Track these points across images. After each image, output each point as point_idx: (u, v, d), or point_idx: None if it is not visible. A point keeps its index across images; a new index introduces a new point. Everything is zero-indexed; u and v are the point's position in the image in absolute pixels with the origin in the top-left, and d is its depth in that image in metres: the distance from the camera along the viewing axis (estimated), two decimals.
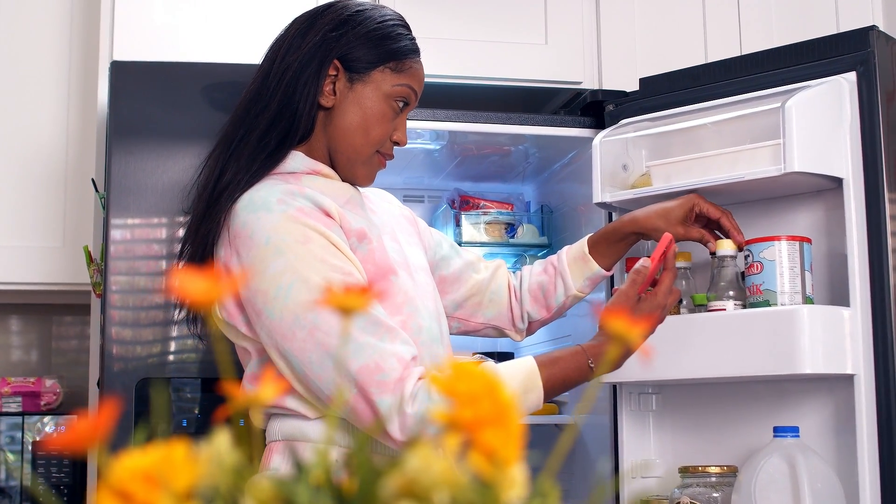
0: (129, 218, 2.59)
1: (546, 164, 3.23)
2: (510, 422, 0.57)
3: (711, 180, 2.39)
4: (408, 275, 1.90)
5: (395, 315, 1.82)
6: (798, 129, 2.27)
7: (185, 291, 0.57)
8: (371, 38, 1.89)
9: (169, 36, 2.96)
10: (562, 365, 1.82)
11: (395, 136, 1.93)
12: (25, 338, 3.65)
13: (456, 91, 3.27)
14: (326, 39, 1.87)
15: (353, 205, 1.91)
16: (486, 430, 0.57)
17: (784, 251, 2.32)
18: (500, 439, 0.57)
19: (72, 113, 3.28)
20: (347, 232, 1.82)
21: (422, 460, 0.55)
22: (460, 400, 0.56)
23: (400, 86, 1.90)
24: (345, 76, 1.88)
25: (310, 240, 1.74)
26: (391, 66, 1.90)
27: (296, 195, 1.79)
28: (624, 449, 2.65)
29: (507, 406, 0.58)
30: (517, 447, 0.58)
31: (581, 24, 3.23)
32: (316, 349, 1.70)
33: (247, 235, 1.76)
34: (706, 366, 2.39)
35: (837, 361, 2.27)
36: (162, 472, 0.54)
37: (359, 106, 1.88)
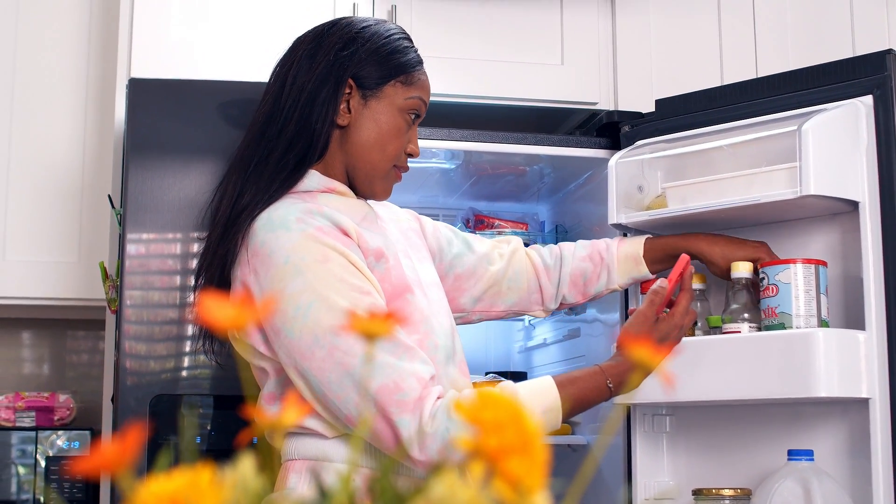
0: (144, 234, 2.60)
1: (561, 184, 3.24)
2: (535, 450, 0.58)
3: (727, 202, 2.39)
4: (422, 292, 1.91)
5: (413, 334, 1.82)
6: (814, 152, 2.27)
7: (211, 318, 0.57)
8: (381, 54, 1.91)
9: (186, 53, 2.98)
10: (580, 385, 1.83)
11: (410, 149, 1.95)
12: (39, 352, 3.66)
13: (472, 110, 3.28)
14: (339, 58, 1.89)
15: (368, 222, 1.92)
16: (511, 459, 0.57)
17: (800, 274, 2.32)
18: (524, 467, 0.57)
19: (89, 129, 3.30)
20: (365, 251, 1.82)
21: (447, 488, 0.55)
22: (485, 428, 0.56)
23: (412, 98, 1.92)
24: (358, 93, 1.89)
25: (329, 259, 1.74)
26: (402, 79, 1.92)
27: (314, 214, 1.79)
28: (637, 470, 2.64)
29: (532, 434, 0.58)
30: (541, 475, 0.58)
31: (597, 44, 3.23)
32: (335, 369, 1.70)
33: (266, 254, 1.76)
34: (720, 388, 2.38)
35: (852, 385, 2.27)
36: (187, 498, 0.55)
37: (374, 122, 1.89)
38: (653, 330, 1.93)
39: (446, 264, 2.19)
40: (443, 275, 2.17)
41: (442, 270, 2.18)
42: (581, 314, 3.15)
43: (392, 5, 3.13)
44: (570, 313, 3.20)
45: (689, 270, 2.05)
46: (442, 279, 2.14)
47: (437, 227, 2.23)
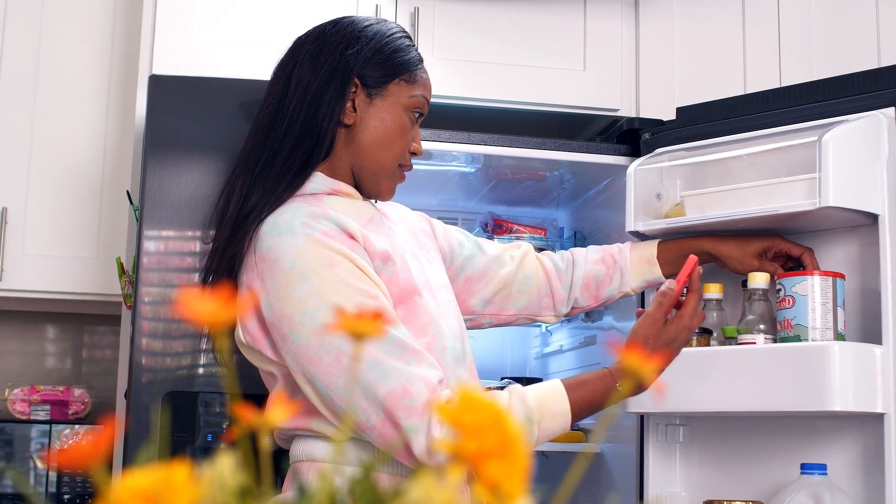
0: (161, 231, 2.61)
1: (581, 191, 3.23)
2: (515, 455, 0.57)
3: (745, 212, 2.38)
4: (431, 295, 1.89)
5: (421, 337, 1.81)
6: (834, 163, 2.25)
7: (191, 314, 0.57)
8: (384, 53, 1.91)
9: (207, 52, 2.98)
10: (589, 387, 1.81)
11: (413, 147, 1.95)
12: (57, 346, 3.68)
13: (493, 114, 3.27)
14: (344, 58, 1.88)
15: (374, 224, 1.91)
16: (491, 463, 0.56)
17: (817, 286, 2.30)
18: (504, 472, 0.56)
19: (110, 126, 3.31)
20: (371, 254, 1.81)
21: (423, 490, 0.54)
22: (465, 431, 0.56)
23: (415, 96, 1.92)
24: (363, 92, 1.89)
25: (335, 263, 1.73)
26: (405, 77, 1.92)
27: (320, 218, 1.78)
28: (649, 480, 2.62)
29: (513, 439, 0.57)
30: (522, 480, 0.57)
31: (620, 51, 3.22)
32: (342, 374, 1.69)
33: (272, 260, 1.75)
34: (734, 399, 2.36)
35: (868, 399, 2.25)
36: (161, 494, 0.54)
37: (379, 121, 1.89)
38: (661, 332, 1.91)
39: (457, 266, 2.18)
40: (453, 277, 2.16)
41: (452, 272, 2.17)
42: (598, 321, 3.13)
43: (415, 7, 3.13)
44: (586, 320, 3.19)
45: (698, 272, 2.02)
46: (452, 281, 2.13)
47: (447, 229, 2.23)
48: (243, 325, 1.80)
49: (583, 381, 1.82)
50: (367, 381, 1.68)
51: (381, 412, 1.67)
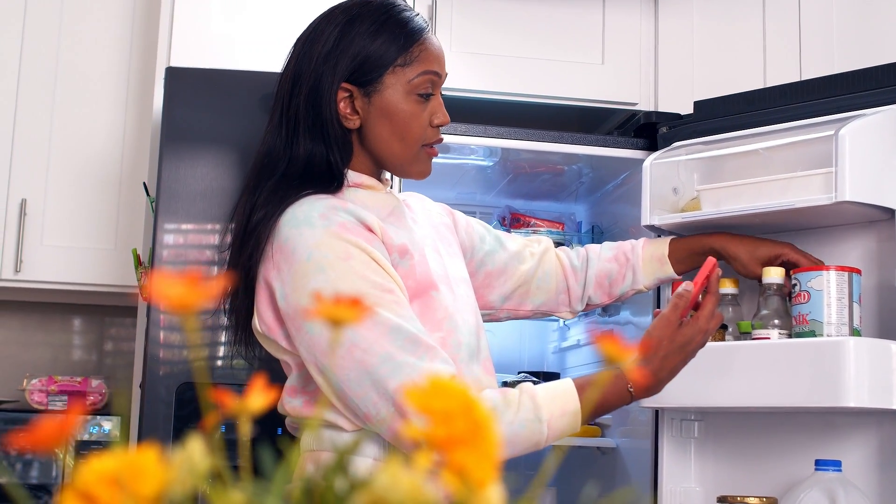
0: (177, 223, 2.61)
1: (599, 185, 3.21)
2: (485, 442, 0.56)
3: (761, 206, 2.36)
4: (448, 289, 1.88)
5: (435, 331, 1.80)
6: (851, 157, 2.23)
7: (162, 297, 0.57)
8: (367, 46, 1.83)
9: (225, 44, 2.99)
10: (600, 388, 1.80)
11: (436, 121, 1.87)
12: (76, 338, 3.70)
13: (511, 108, 3.26)
14: (327, 69, 1.82)
15: (395, 217, 1.89)
16: (460, 450, 0.55)
17: (832, 281, 2.28)
18: (473, 459, 0.55)
19: (129, 118, 3.32)
20: (389, 247, 1.80)
21: (390, 477, 0.54)
22: (434, 417, 0.55)
23: (417, 77, 1.84)
24: (360, 92, 1.83)
25: (351, 256, 1.73)
26: (399, 62, 1.83)
27: (338, 210, 1.77)
28: (664, 475, 2.61)
29: (483, 426, 0.56)
30: (492, 468, 0.56)
31: (639, 45, 3.21)
32: (355, 367, 1.68)
33: (289, 251, 1.74)
34: (749, 394, 2.35)
35: (883, 396, 2.23)
36: (129, 477, 0.54)
37: (384, 116, 1.84)
38: (675, 334, 1.86)
39: (477, 261, 2.17)
40: (473, 271, 2.15)
41: (473, 267, 2.16)
42: (614, 316, 3.13)
43: (433, 0, 3.12)
44: (603, 314, 3.18)
45: (717, 273, 1.98)
46: (472, 275, 2.11)
47: (469, 222, 2.20)
48: (259, 314, 1.80)
49: (594, 382, 1.80)
50: (378, 374, 1.67)
51: (391, 406, 1.67)
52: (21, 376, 3.39)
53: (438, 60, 1.89)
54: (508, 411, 1.69)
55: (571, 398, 1.74)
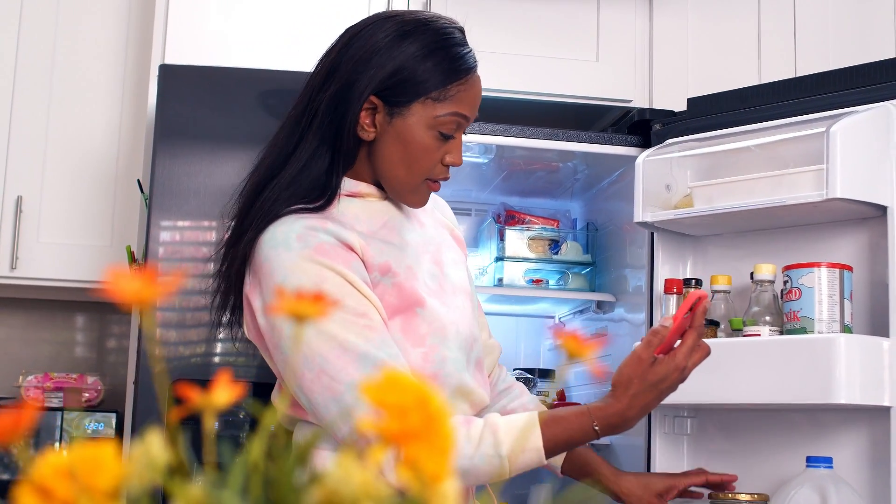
0: (170, 220, 2.62)
1: (594, 182, 3.22)
2: (439, 437, 0.57)
3: (753, 203, 2.36)
4: (440, 302, 1.84)
5: (417, 347, 1.79)
6: (842, 154, 2.23)
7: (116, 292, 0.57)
8: (408, 70, 1.77)
9: (220, 41, 2.99)
10: (564, 425, 1.75)
11: (448, 160, 1.82)
12: (73, 334, 3.70)
13: (507, 105, 3.26)
14: (362, 77, 1.78)
15: (388, 229, 1.85)
16: (414, 444, 0.56)
17: (824, 278, 2.28)
18: (427, 454, 0.56)
19: (125, 115, 3.33)
20: (370, 266, 1.77)
21: (342, 471, 0.54)
22: (389, 411, 0.56)
23: (444, 116, 1.78)
24: (384, 109, 1.77)
25: (325, 280, 1.71)
26: (433, 95, 1.77)
27: (317, 231, 1.74)
28: (656, 471, 2.61)
29: (438, 421, 0.57)
30: (446, 463, 0.57)
31: (633, 42, 3.21)
32: (322, 392, 1.68)
33: (267, 272, 1.74)
34: (740, 391, 2.35)
35: (874, 393, 2.23)
36: (85, 471, 0.54)
37: (399, 141, 1.78)
38: (647, 372, 1.76)
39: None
40: None
41: None
42: (609, 313, 3.13)
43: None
44: (598, 311, 3.18)
45: (703, 306, 1.80)
46: None
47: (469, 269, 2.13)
48: (246, 324, 1.81)
49: (559, 418, 1.77)
50: (344, 402, 1.67)
51: (354, 434, 1.67)
52: (17, 373, 3.40)
53: (472, 104, 1.84)
54: (469, 445, 1.68)
55: (534, 435, 1.72)
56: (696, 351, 1.80)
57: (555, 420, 1.74)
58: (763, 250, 2.53)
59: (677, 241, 2.66)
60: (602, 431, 1.75)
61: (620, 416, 1.75)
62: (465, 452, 1.67)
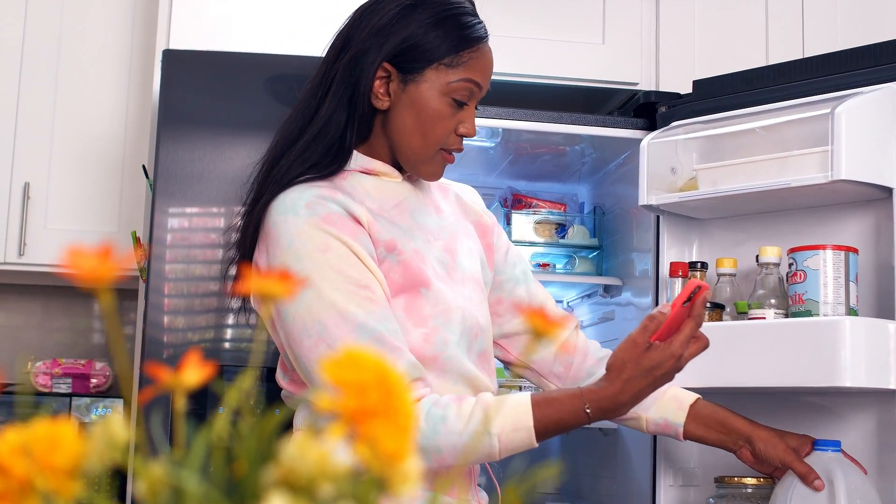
0: (174, 205, 2.62)
1: (601, 165, 3.20)
2: (400, 415, 0.56)
3: (758, 186, 2.35)
4: (446, 286, 1.84)
5: (419, 327, 1.79)
6: (847, 136, 2.21)
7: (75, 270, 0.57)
8: (422, 35, 1.80)
9: (223, 26, 2.99)
10: (556, 407, 1.74)
11: (462, 130, 1.83)
12: (81, 321, 3.71)
13: (514, 89, 3.25)
14: (375, 42, 1.80)
15: (400, 210, 1.85)
16: (373, 422, 0.55)
17: (829, 261, 2.27)
18: (386, 431, 0.55)
19: (131, 101, 3.33)
20: (376, 241, 1.77)
21: (297, 448, 0.54)
22: (347, 389, 0.55)
23: (458, 81, 1.80)
24: (398, 77, 1.80)
25: (329, 248, 1.72)
26: (446, 61, 1.79)
27: (326, 200, 1.75)
28: (663, 456, 2.60)
29: (397, 399, 0.56)
30: (406, 440, 0.56)
31: (640, 24, 3.19)
32: (319, 360, 1.69)
33: (274, 237, 1.75)
34: (746, 375, 2.34)
35: (880, 376, 2.21)
36: (42, 449, 0.54)
37: (413, 108, 1.80)
38: (642, 357, 1.74)
39: (498, 282, 2.06)
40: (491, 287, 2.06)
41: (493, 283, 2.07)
42: (616, 297, 3.12)
43: None
44: (605, 295, 3.17)
45: (703, 296, 1.77)
46: None
47: (511, 246, 2.10)
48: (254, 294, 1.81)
49: (551, 400, 1.75)
50: None
51: None
52: (26, 359, 3.41)
53: (484, 73, 1.86)
54: (459, 421, 1.67)
55: (525, 414, 1.71)
56: (694, 341, 1.79)
57: (546, 401, 1.73)
58: (769, 233, 2.51)
59: (683, 224, 2.65)
60: (594, 415, 1.74)
61: (612, 400, 1.74)
62: (454, 429, 1.67)
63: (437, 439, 1.67)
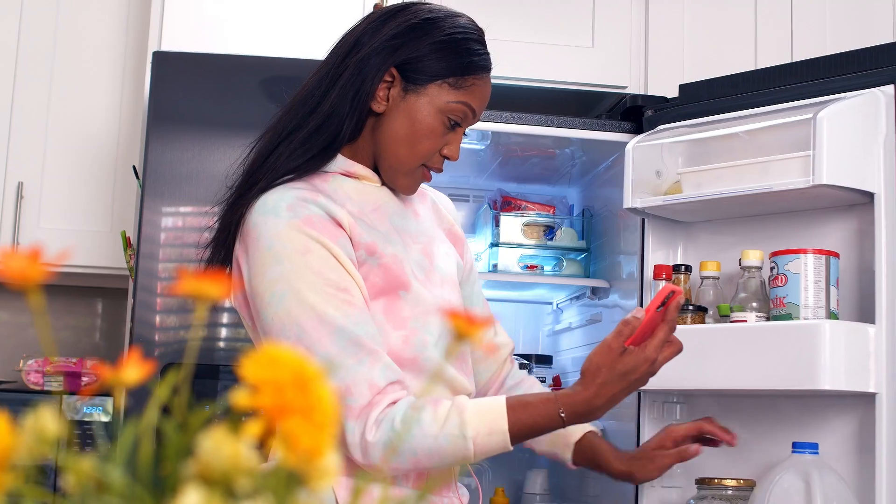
0: (163, 206, 2.64)
1: (590, 168, 3.22)
2: (319, 412, 0.58)
3: (740, 190, 2.37)
4: (426, 288, 1.86)
5: (399, 330, 1.80)
6: (829, 140, 2.23)
7: (5, 268, 0.58)
8: (434, 50, 1.82)
9: (216, 28, 3.01)
10: (531, 410, 1.74)
11: (446, 151, 1.86)
12: (74, 319, 3.73)
13: (504, 92, 3.26)
14: (388, 46, 1.83)
15: (379, 214, 1.87)
16: (290, 419, 0.57)
17: (810, 265, 2.29)
18: (304, 429, 0.57)
19: (125, 102, 3.35)
20: (356, 244, 1.79)
21: (213, 443, 0.56)
22: (265, 387, 0.57)
23: (456, 103, 1.82)
24: (401, 84, 1.82)
25: (309, 251, 1.73)
26: (450, 81, 1.82)
27: (307, 202, 1.77)
28: None
29: (316, 397, 0.58)
30: (325, 438, 0.58)
31: (629, 28, 3.21)
32: None
33: (254, 238, 1.77)
34: (728, 377, 2.36)
35: (860, 379, 2.23)
36: None
37: (408, 117, 1.82)
38: (616, 362, 1.74)
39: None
40: None
41: None
42: (604, 299, 3.14)
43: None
44: (593, 297, 3.19)
45: (676, 301, 1.77)
46: None
47: (472, 260, 2.14)
48: (233, 292, 1.83)
49: (525, 403, 1.76)
50: None
51: None
52: (18, 357, 3.43)
53: (482, 101, 1.89)
54: (434, 424, 1.69)
55: (500, 417, 1.72)
56: (668, 346, 1.78)
57: (521, 405, 1.74)
58: (753, 237, 2.53)
59: (668, 227, 2.67)
60: (568, 419, 1.74)
61: (587, 404, 1.74)
62: (429, 431, 1.68)
63: (412, 442, 1.68)
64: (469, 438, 1.69)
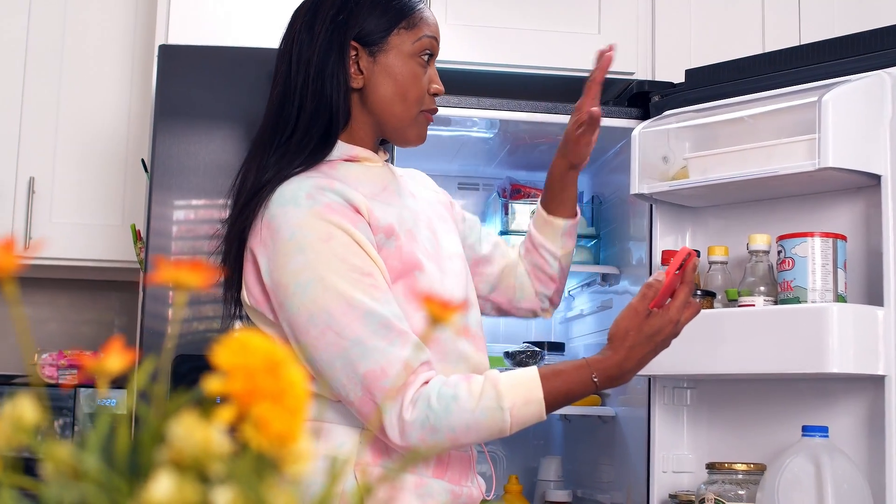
0: (171, 198, 2.65)
1: (598, 155, 3.22)
2: (290, 398, 0.58)
3: (747, 174, 2.36)
4: (437, 266, 1.88)
5: (418, 311, 1.82)
6: (834, 123, 2.22)
7: None
8: (376, 7, 1.88)
9: (222, 21, 3.01)
10: (564, 378, 1.77)
11: (433, 89, 1.91)
12: (87, 312, 3.75)
13: (511, 80, 3.26)
14: (336, 24, 1.86)
15: (388, 193, 1.89)
16: (262, 405, 0.58)
17: (817, 248, 2.28)
18: (275, 414, 0.58)
19: (133, 96, 3.36)
20: (375, 228, 1.81)
21: (184, 429, 0.56)
22: (236, 372, 0.57)
23: (420, 40, 1.88)
24: (365, 52, 1.87)
25: (332, 237, 1.75)
26: (404, 25, 1.88)
27: (325, 190, 1.78)
28: (656, 442, 2.62)
29: (289, 382, 0.58)
30: (296, 422, 0.59)
31: (636, 13, 3.20)
32: (326, 349, 1.71)
33: (275, 228, 1.77)
34: (737, 361, 2.36)
35: (868, 362, 2.22)
36: None
37: (388, 76, 1.87)
38: (643, 324, 1.80)
39: (468, 245, 2.15)
40: None
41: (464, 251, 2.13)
42: (614, 285, 3.14)
43: None
44: (604, 284, 3.19)
45: (693, 263, 1.85)
46: None
47: (463, 212, 2.19)
48: (247, 286, 1.83)
49: (559, 371, 1.78)
50: (348, 358, 1.70)
51: (359, 389, 1.69)
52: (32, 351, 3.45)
53: (435, 29, 1.94)
54: (471, 399, 1.70)
55: (535, 387, 1.74)
56: (688, 306, 1.84)
57: (554, 373, 1.76)
58: (761, 221, 2.53)
59: (676, 212, 2.66)
60: (601, 383, 1.78)
61: (618, 367, 1.78)
62: (467, 406, 1.69)
63: (450, 418, 1.69)
64: (506, 410, 1.70)
